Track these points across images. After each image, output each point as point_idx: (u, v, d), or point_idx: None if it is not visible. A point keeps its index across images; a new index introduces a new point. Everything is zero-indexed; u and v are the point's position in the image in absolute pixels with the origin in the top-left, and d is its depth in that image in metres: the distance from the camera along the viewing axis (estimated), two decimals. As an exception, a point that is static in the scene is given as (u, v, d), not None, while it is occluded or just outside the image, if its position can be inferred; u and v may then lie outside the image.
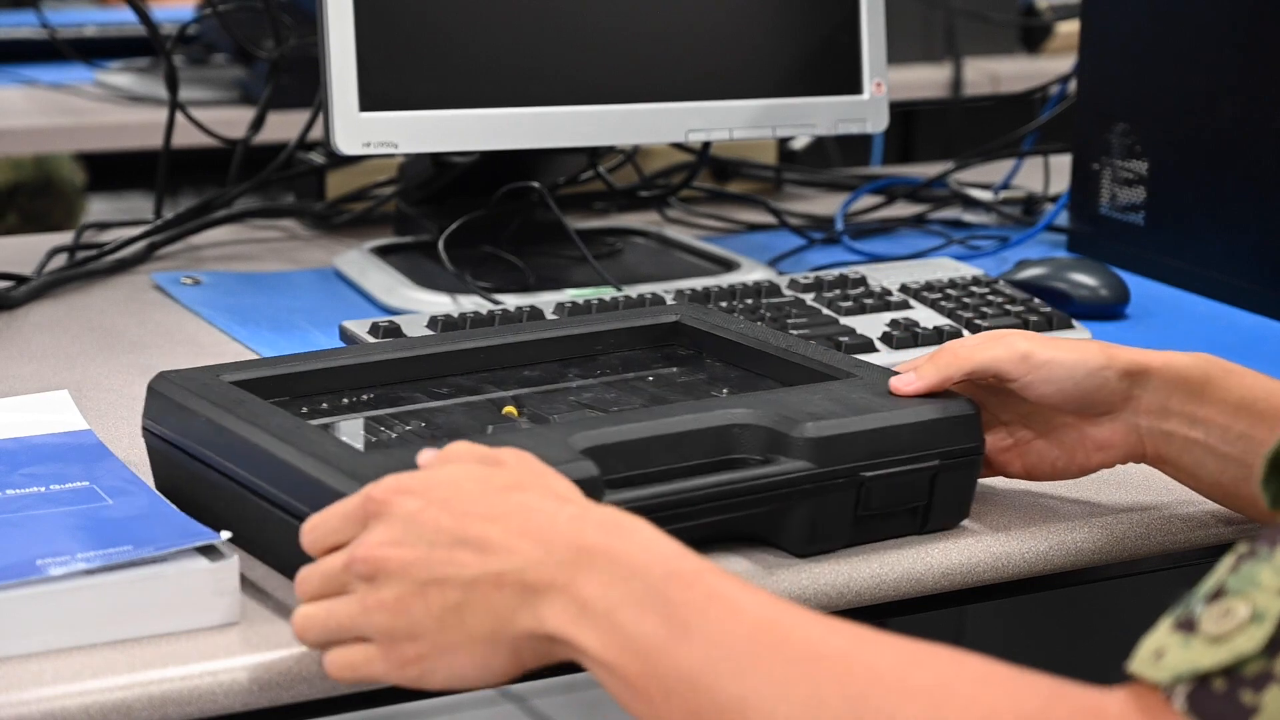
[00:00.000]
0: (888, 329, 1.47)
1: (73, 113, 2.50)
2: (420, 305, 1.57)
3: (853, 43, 1.72)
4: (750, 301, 1.50)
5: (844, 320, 1.49)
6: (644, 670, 0.85)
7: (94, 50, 2.69)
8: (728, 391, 1.20)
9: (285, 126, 1.96)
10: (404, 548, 0.91)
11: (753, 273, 1.68)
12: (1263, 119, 1.61)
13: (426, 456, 0.98)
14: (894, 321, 1.48)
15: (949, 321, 1.50)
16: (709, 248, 1.76)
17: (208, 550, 1.01)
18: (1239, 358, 1.16)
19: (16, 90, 2.61)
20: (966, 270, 1.62)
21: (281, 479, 1.02)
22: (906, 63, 2.78)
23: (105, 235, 1.79)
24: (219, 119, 1.96)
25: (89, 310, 1.60)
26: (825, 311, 1.50)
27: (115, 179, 2.85)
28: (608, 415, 1.13)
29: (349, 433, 1.13)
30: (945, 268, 1.64)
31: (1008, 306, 1.53)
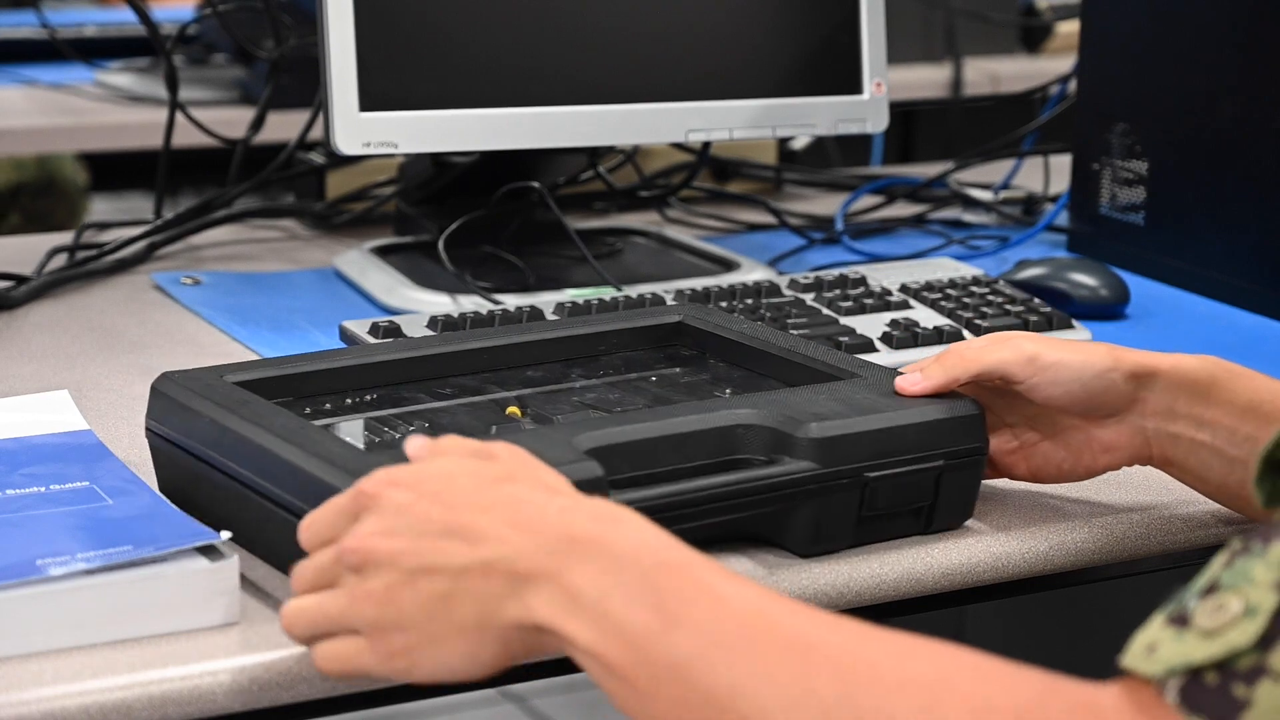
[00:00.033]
0: (888, 329, 1.47)
1: (73, 113, 2.50)
2: (420, 305, 1.57)
3: (853, 43, 1.72)
4: (750, 301, 1.50)
5: (844, 320, 1.49)
6: (633, 659, 0.85)
7: (94, 50, 2.69)
8: (731, 392, 1.20)
9: (285, 126, 1.96)
10: (393, 538, 0.91)
11: (753, 273, 1.67)
12: (1263, 119, 1.61)
13: (416, 445, 0.97)
14: (894, 321, 1.48)
15: (949, 321, 1.50)
16: (709, 248, 1.76)
17: (208, 550, 1.01)
18: (1239, 358, 1.16)
19: (16, 90, 2.60)
20: (966, 270, 1.62)
21: (285, 479, 1.02)
22: (906, 63, 2.78)
23: (105, 235, 1.79)
24: (219, 119, 1.96)
25: (89, 310, 1.60)
26: (825, 311, 1.50)
27: (116, 179, 2.85)
28: (611, 416, 1.13)
29: (352, 433, 1.13)
30: (945, 268, 1.63)
31: (1008, 306, 1.53)
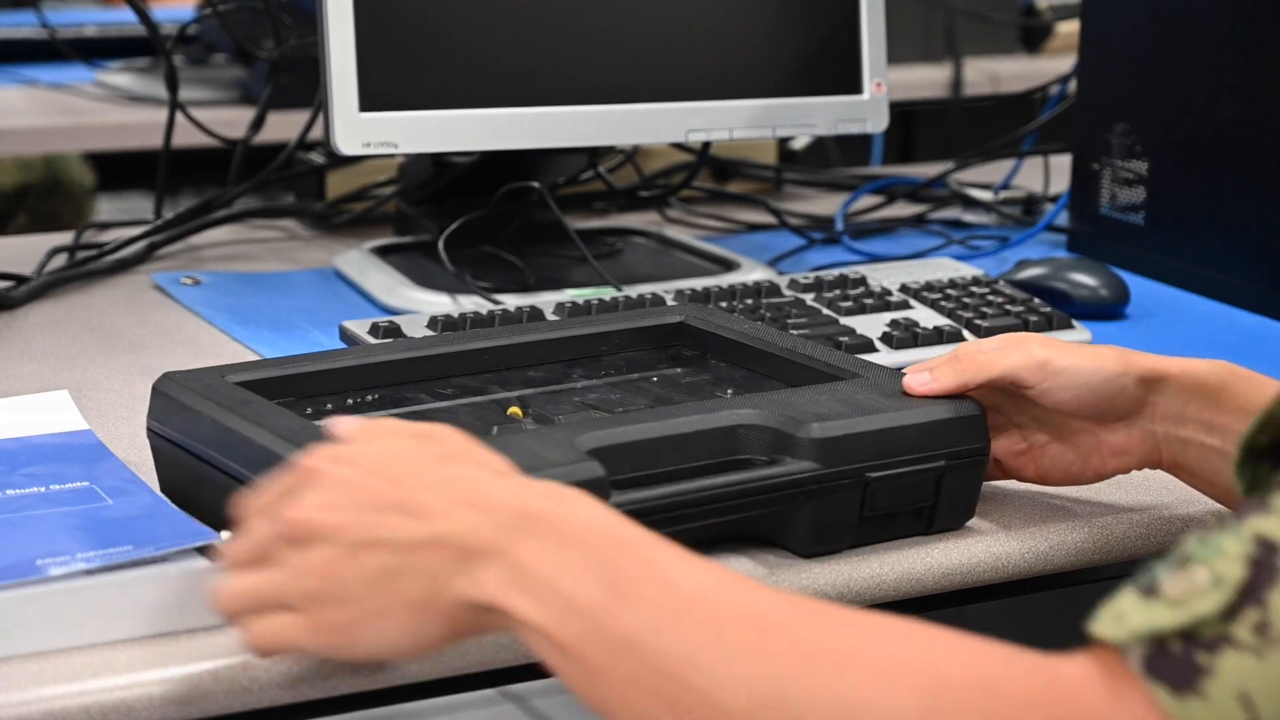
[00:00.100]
0: (888, 329, 1.47)
1: (73, 113, 2.50)
2: (420, 305, 1.57)
3: (853, 43, 1.72)
4: (750, 301, 1.50)
5: (844, 320, 1.49)
6: (583, 635, 0.84)
7: (94, 50, 2.69)
8: (732, 392, 1.20)
9: (285, 126, 1.96)
10: (337, 511, 0.89)
11: (753, 273, 1.67)
12: (1263, 119, 1.61)
13: (345, 425, 0.94)
14: (894, 321, 1.48)
15: (949, 322, 1.50)
16: (709, 248, 1.76)
17: (208, 550, 1.01)
18: (1239, 358, 1.16)
19: (17, 90, 2.61)
20: (966, 270, 1.62)
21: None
22: (906, 63, 2.78)
23: (105, 235, 1.79)
24: (219, 119, 1.96)
25: (89, 310, 1.60)
26: (825, 311, 1.50)
27: (118, 179, 2.85)
28: (613, 416, 1.13)
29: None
30: (945, 268, 1.63)
31: (1008, 306, 1.53)
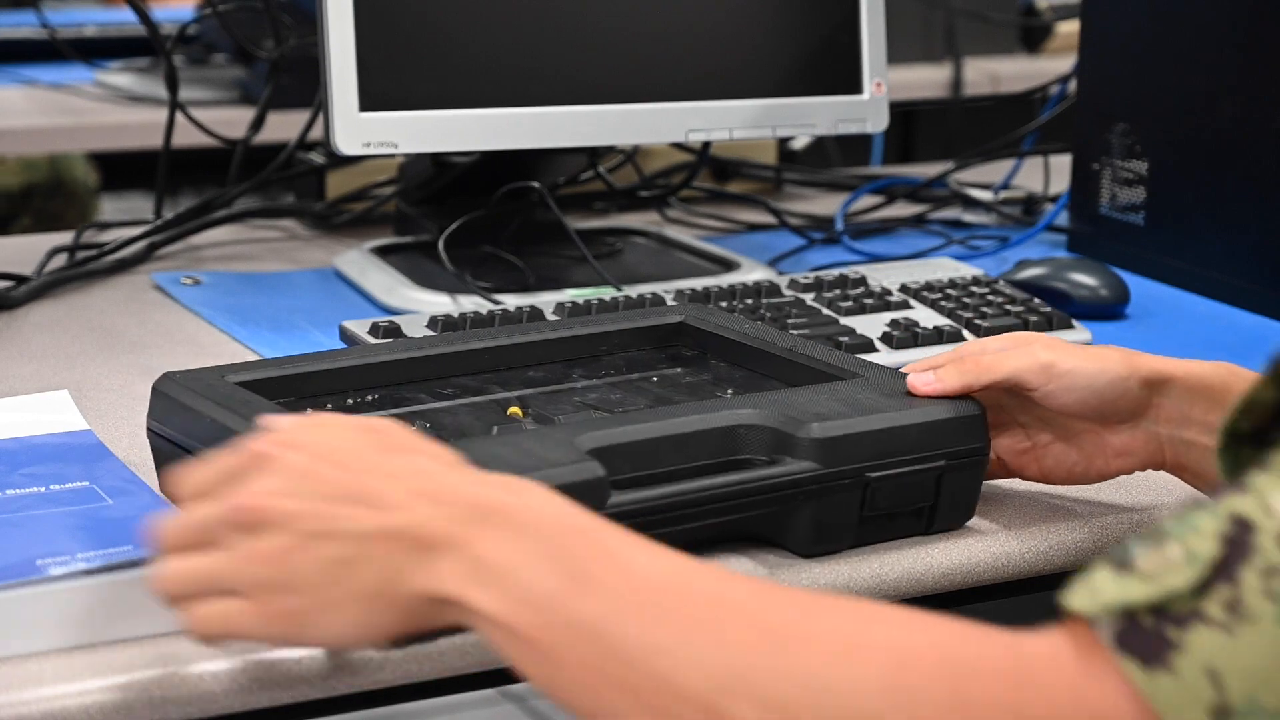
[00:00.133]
0: (888, 329, 1.47)
1: (73, 113, 2.50)
2: (420, 305, 1.57)
3: (853, 43, 1.72)
4: (750, 301, 1.50)
5: (844, 320, 1.49)
6: (542, 623, 0.83)
7: (94, 50, 2.69)
8: (732, 392, 1.20)
9: (285, 126, 1.96)
10: (291, 499, 0.88)
11: (753, 273, 1.67)
12: (1263, 119, 1.61)
13: (278, 421, 0.93)
14: (894, 321, 1.48)
15: (949, 321, 1.50)
16: (709, 248, 1.76)
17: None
18: (1239, 358, 1.16)
19: (17, 90, 2.61)
20: (966, 270, 1.62)
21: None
22: (906, 63, 2.78)
23: (105, 235, 1.79)
24: (219, 119, 1.96)
25: (89, 310, 1.60)
26: (825, 311, 1.50)
27: (118, 179, 2.85)
28: (613, 416, 1.13)
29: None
30: (945, 268, 1.63)
31: (1008, 306, 1.53)
